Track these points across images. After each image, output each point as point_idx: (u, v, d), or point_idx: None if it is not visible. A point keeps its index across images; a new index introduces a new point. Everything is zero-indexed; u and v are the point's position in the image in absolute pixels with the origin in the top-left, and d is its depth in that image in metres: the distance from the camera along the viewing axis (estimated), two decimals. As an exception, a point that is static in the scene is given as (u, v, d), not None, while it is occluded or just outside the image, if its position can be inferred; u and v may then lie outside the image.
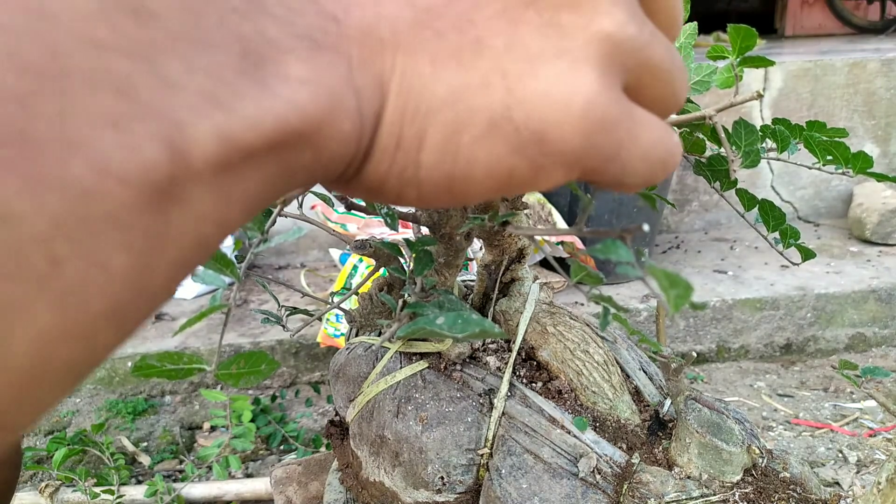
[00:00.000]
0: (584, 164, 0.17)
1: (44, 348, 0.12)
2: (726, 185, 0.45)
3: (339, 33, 0.15)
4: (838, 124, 2.11)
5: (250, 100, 0.14)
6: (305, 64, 0.15)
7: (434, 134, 0.17)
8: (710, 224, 2.23)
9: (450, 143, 0.17)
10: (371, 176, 0.18)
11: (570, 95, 0.16)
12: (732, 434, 0.50)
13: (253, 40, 0.14)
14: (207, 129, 0.13)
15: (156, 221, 0.13)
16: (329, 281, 1.85)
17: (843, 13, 3.27)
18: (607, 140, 0.17)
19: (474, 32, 0.16)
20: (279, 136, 0.14)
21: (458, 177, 0.18)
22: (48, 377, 0.12)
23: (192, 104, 0.13)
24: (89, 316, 0.12)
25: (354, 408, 0.60)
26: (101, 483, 1.16)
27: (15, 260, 0.11)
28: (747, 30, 0.35)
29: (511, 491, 0.50)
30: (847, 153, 0.44)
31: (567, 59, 0.17)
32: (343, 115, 0.15)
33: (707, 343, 1.66)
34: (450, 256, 0.53)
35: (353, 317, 0.61)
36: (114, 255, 0.12)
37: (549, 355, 0.57)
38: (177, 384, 1.53)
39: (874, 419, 1.37)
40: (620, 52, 0.17)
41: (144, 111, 0.12)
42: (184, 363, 0.22)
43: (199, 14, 0.13)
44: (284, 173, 0.15)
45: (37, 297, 0.11)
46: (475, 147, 0.17)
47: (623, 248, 0.20)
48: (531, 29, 0.17)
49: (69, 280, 0.12)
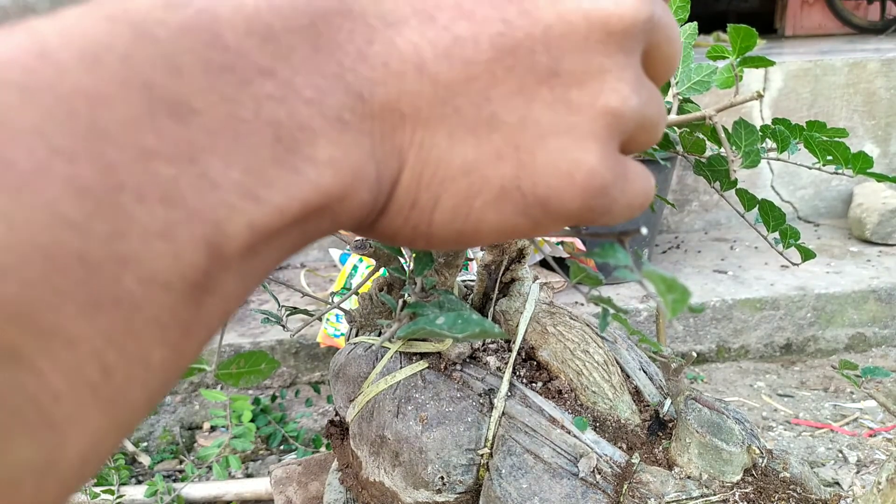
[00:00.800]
0: (579, 220, 0.19)
1: (93, 448, 0.13)
2: (726, 185, 0.45)
3: (363, 112, 0.16)
4: (838, 124, 2.11)
5: (281, 188, 0.14)
6: (333, 145, 0.15)
7: (448, 199, 0.18)
8: (710, 224, 2.23)
9: (462, 206, 0.18)
10: (385, 228, 0.19)
11: (574, 167, 0.18)
12: (732, 434, 0.50)
13: (285, 125, 0.15)
14: (242, 224, 0.14)
15: (190, 313, 0.13)
16: (329, 281, 1.85)
17: (843, 13, 3.26)
18: (602, 202, 0.19)
19: (490, 108, 0.17)
20: (303, 214, 0.15)
21: (466, 232, 0.19)
22: (92, 468, 0.13)
23: (229, 201, 0.13)
24: (132, 410, 0.13)
25: (354, 408, 0.60)
26: (101, 483, 1.16)
27: (72, 378, 0.12)
28: (747, 30, 0.35)
29: (511, 491, 0.50)
30: (847, 153, 0.44)
31: (574, 134, 0.18)
32: (363, 187, 0.16)
33: (707, 343, 1.66)
34: (450, 256, 0.53)
35: (353, 317, 0.61)
36: (154, 351, 0.13)
37: (549, 355, 0.58)
38: (177, 384, 1.53)
39: (874, 419, 1.37)
40: (621, 122, 0.19)
41: (187, 216, 0.13)
42: (184, 363, 0.22)
43: (236, 103, 0.14)
44: (304, 240, 0.16)
45: (90, 406, 0.12)
46: (485, 210, 0.18)
47: (621, 251, 0.20)
48: (543, 105, 0.18)
49: (117, 384, 0.12)
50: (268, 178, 0.14)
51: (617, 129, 0.19)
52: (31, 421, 0.11)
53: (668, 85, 0.42)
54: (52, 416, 0.12)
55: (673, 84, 0.41)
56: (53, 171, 0.11)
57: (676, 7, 0.41)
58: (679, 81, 0.41)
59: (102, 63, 0.12)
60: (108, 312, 0.12)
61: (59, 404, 0.12)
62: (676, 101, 0.41)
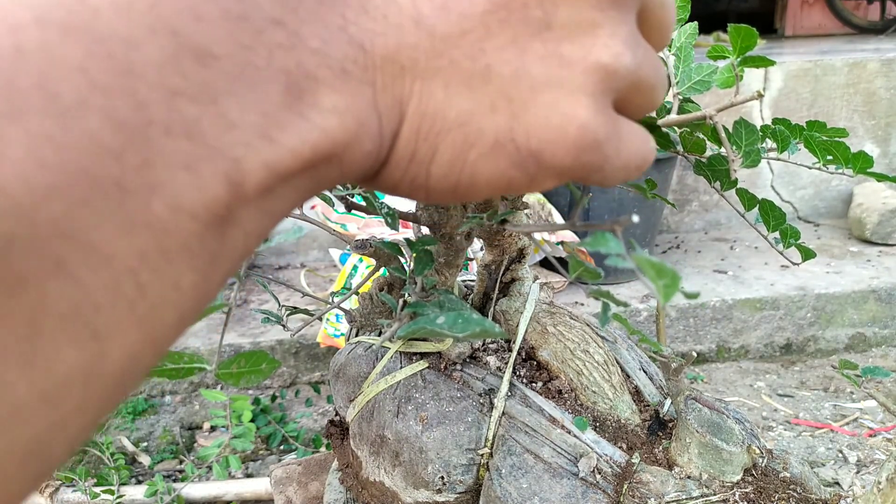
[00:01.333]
0: (573, 175, 0.20)
1: (131, 361, 0.14)
2: (726, 185, 0.45)
3: (365, 62, 0.17)
4: (838, 124, 2.11)
5: (292, 131, 0.16)
6: (338, 94, 0.17)
7: (445, 150, 0.19)
8: (710, 224, 2.23)
9: (458, 158, 0.19)
10: (386, 180, 0.20)
11: (566, 121, 0.19)
12: (732, 434, 0.50)
13: (294, 73, 0.16)
14: (258, 162, 0.15)
15: (216, 243, 0.15)
16: (329, 281, 1.85)
17: (843, 13, 3.26)
18: (595, 157, 0.19)
19: (485, 60, 0.18)
20: (314, 159, 0.16)
21: (462, 184, 0.20)
22: (131, 384, 0.15)
23: (247, 140, 0.15)
24: (165, 328, 0.15)
25: (354, 408, 0.60)
26: (101, 483, 1.16)
27: (111, 292, 0.13)
28: (748, 30, 0.35)
29: (511, 491, 0.50)
30: (847, 153, 0.44)
31: (566, 88, 0.18)
32: (367, 137, 0.18)
33: (707, 343, 1.66)
34: (450, 256, 0.53)
35: (353, 316, 0.61)
36: (185, 275, 0.14)
37: (550, 355, 0.58)
38: (177, 384, 1.53)
39: (874, 419, 1.37)
40: (614, 79, 0.19)
41: (209, 152, 0.14)
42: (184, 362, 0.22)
43: (251, 51, 0.15)
44: (314, 186, 0.18)
45: (127, 320, 0.14)
46: (480, 162, 0.19)
47: (613, 239, 0.20)
48: (536, 59, 0.18)
49: (151, 302, 0.14)
50: (280, 121, 0.15)
51: (609, 85, 0.19)
52: (77, 329, 0.13)
53: (669, 84, 0.42)
54: (94, 325, 0.13)
55: (673, 84, 0.41)
56: (94, 104, 0.13)
57: (677, 7, 0.41)
58: (679, 81, 0.41)
59: (133, 9, 0.14)
60: (141, 234, 0.13)
61: (100, 315, 0.13)
62: (677, 100, 0.41)
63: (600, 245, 0.20)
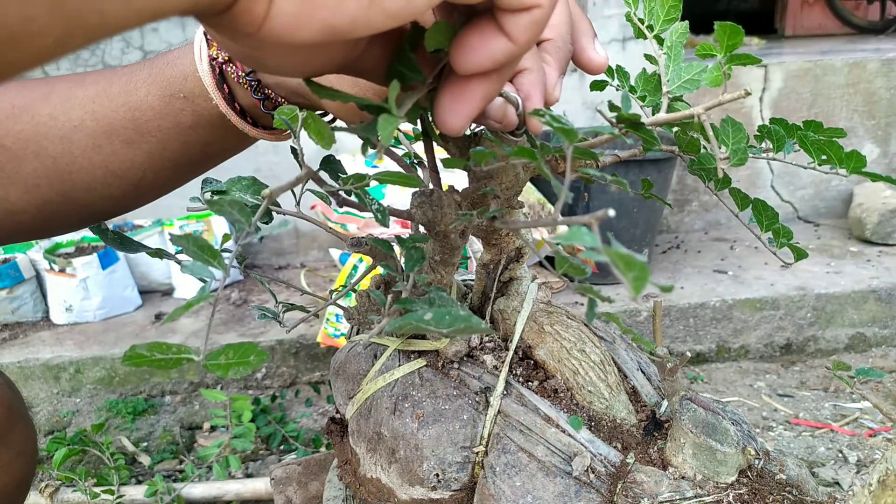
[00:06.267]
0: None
1: None
2: (720, 185, 0.45)
3: None
4: (838, 124, 2.11)
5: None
6: None
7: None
8: (710, 224, 2.23)
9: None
10: (241, 17, 0.23)
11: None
12: (727, 435, 0.50)
13: None
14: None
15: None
16: (329, 281, 1.85)
17: (843, 13, 3.26)
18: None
19: None
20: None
21: (303, 18, 0.23)
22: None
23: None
24: None
25: (353, 405, 0.60)
26: (101, 483, 1.17)
27: None
28: (733, 27, 0.35)
29: (505, 489, 0.50)
30: (840, 153, 0.44)
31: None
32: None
33: (707, 343, 1.66)
34: (445, 254, 0.54)
35: (351, 314, 0.61)
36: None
37: (546, 354, 0.58)
38: (177, 384, 1.53)
39: (874, 419, 1.37)
40: None
41: None
42: (173, 353, 0.22)
43: None
44: None
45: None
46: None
47: (588, 234, 0.20)
48: None
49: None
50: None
51: None
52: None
53: (659, 84, 0.42)
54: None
55: (664, 83, 0.41)
56: None
57: (668, 7, 0.41)
58: (670, 80, 0.41)
59: None
60: None
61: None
62: (666, 99, 0.41)
63: (576, 239, 0.20)
